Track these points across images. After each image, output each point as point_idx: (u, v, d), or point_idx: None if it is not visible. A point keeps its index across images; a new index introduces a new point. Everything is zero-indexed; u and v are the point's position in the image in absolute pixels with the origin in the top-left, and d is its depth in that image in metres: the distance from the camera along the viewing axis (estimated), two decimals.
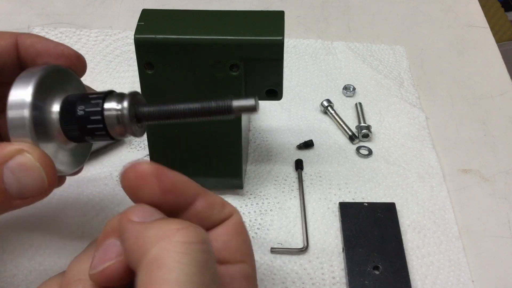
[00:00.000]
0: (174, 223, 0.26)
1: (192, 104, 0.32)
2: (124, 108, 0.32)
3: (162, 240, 0.25)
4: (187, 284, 0.24)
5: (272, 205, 0.51)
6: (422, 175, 0.54)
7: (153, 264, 0.25)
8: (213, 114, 0.32)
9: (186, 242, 0.25)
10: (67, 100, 0.33)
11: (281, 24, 0.43)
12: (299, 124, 0.58)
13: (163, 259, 0.25)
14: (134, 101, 0.33)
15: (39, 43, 0.35)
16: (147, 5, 0.53)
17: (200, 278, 0.25)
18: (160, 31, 0.42)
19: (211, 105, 0.32)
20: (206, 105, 0.32)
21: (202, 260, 0.25)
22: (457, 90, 0.64)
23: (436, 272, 0.47)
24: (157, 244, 0.25)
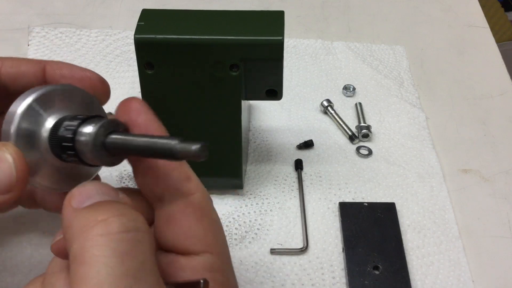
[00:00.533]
0: (100, 213, 0.26)
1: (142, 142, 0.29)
2: (91, 135, 0.29)
3: (83, 233, 0.25)
4: (108, 277, 0.24)
5: (272, 205, 0.51)
6: (422, 175, 0.54)
7: (76, 260, 0.24)
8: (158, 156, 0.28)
9: (104, 234, 0.25)
10: (61, 119, 0.32)
11: (281, 24, 0.43)
12: (299, 124, 0.58)
13: (83, 255, 0.24)
14: (109, 127, 0.30)
15: (65, 67, 0.36)
16: (147, 5, 0.53)
17: (122, 269, 0.24)
18: (160, 31, 0.42)
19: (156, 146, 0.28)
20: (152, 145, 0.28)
21: (124, 250, 0.24)
22: (457, 90, 0.64)
23: (436, 272, 0.47)
24: (77, 238, 0.25)
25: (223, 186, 0.51)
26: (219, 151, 0.48)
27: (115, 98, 0.60)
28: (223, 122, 0.46)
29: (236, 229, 0.49)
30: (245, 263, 0.46)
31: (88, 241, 0.25)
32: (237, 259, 0.47)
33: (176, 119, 0.46)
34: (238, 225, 0.49)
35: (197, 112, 0.46)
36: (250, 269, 0.46)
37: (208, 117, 0.46)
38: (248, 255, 0.47)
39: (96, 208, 0.26)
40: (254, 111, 0.59)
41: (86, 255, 0.24)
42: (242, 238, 0.48)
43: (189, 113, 0.46)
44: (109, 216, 0.25)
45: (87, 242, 0.24)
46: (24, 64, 0.36)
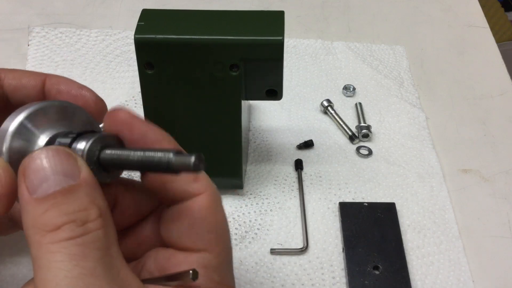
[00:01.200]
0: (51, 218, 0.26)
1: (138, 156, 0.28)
2: (83, 151, 0.29)
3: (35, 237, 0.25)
4: (65, 279, 0.24)
5: (272, 205, 0.51)
6: (422, 175, 0.54)
7: (34, 264, 0.25)
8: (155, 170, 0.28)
9: (55, 242, 0.25)
10: (53, 136, 0.31)
11: (281, 24, 0.43)
12: (299, 124, 0.58)
13: (39, 260, 0.25)
14: (103, 142, 0.29)
15: (63, 83, 0.36)
16: (147, 5, 0.53)
17: (77, 270, 0.25)
18: (160, 31, 0.42)
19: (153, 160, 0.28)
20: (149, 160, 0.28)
21: (77, 253, 0.25)
22: (457, 90, 0.64)
23: (436, 272, 0.47)
24: (32, 243, 0.26)
25: (223, 186, 0.51)
26: (219, 151, 0.48)
27: (115, 98, 0.60)
28: (223, 122, 0.46)
29: (236, 229, 0.49)
30: (245, 263, 0.46)
31: (41, 248, 0.25)
32: (237, 259, 0.47)
33: (176, 119, 0.46)
34: (238, 225, 0.49)
35: (197, 112, 0.46)
36: (250, 269, 0.46)
37: (208, 117, 0.46)
38: (248, 255, 0.47)
39: (48, 208, 0.26)
40: (254, 111, 0.59)
41: (42, 261, 0.25)
42: (242, 238, 0.48)
43: (189, 113, 0.46)
44: (59, 224, 0.25)
45: (41, 249, 0.25)
46: (26, 77, 0.36)
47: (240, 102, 0.45)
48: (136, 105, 0.59)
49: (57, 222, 0.25)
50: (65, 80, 0.37)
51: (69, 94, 0.36)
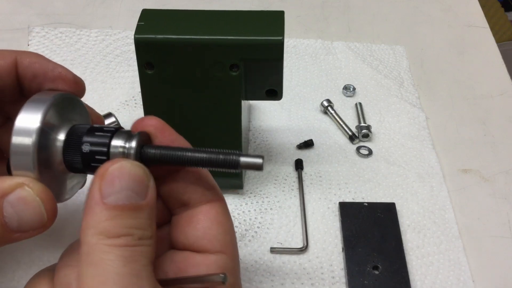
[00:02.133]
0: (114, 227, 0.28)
1: (200, 154, 0.31)
2: (131, 148, 0.31)
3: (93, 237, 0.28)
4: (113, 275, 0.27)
5: (272, 204, 0.51)
6: (422, 175, 0.54)
7: (85, 260, 0.27)
8: (219, 166, 0.31)
9: (111, 245, 0.27)
10: (74, 131, 0.32)
11: (281, 24, 0.43)
12: (299, 124, 0.58)
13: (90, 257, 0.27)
14: (142, 141, 0.32)
15: (37, 63, 0.35)
16: (147, 5, 0.53)
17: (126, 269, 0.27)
18: (160, 31, 0.42)
19: (219, 157, 0.31)
20: (214, 156, 0.31)
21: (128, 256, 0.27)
22: (457, 90, 0.64)
23: (436, 272, 0.47)
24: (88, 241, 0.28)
25: (223, 186, 0.51)
26: None
27: (115, 98, 0.60)
28: (223, 122, 0.46)
29: (236, 227, 0.49)
30: (244, 261, 0.47)
31: (96, 247, 0.27)
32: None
33: (176, 119, 0.46)
34: (238, 223, 0.49)
35: (197, 112, 0.46)
36: (250, 267, 0.46)
37: (208, 117, 0.46)
38: (248, 253, 0.47)
39: (115, 217, 0.28)
40: (254, 111, 0.59)
41: (94, 258, 0.27)
42: (242, 236, 0.48)
43: (189, 113, 0.46)
44: (119, 234, 0.28)
45: (96, 248, 0.27)
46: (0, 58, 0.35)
47: (240, 102, 0.45)
48: (136, 105, 0.59)
49: (118, 232, 0.28)
50: (37, 59, 0.35)
51: (46, 76, 0.35)
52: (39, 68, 0.35)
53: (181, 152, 0.31)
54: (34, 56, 0.36)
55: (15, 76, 0.35)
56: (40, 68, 0.35)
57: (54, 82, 0.35)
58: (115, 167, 0.29)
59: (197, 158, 0.31)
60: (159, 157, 0.31)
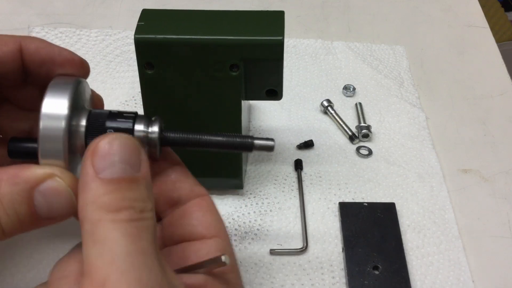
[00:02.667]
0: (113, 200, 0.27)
1: (217, 138, 0.35)
2: (154, 132, 0.33)
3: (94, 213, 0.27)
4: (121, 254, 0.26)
5: (272, 205, 0.51)
6: (422, 175, 0.54)
7: (89, 239, 0.27)
8: (235, 148, 0.35)
9: (115, 221, 0.27)
10: (95, 117, 0.33)
11: (281, 24, 0.43)
12: (299, 124, 0.58)
13: (95, 235, 0.27)
14: (162, 125, 0.34)
15: (44, 48, 0.35)
16: (147, 5, 0.53)
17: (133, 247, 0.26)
18: (160, 31, 0.42)
19: (235, 140, 0.35)
20: (230, 139, 0.35)
21: (133, 232, 0.27)
22: (457, 90, 0.64)
23: (436, 272, 0.47)
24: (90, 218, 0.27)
25: (223, 186, 0.51)
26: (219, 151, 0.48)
27: (115, 98, 0.60)
28: (223, 122, 0.46)
29: (236, 230, 0.49)
30: (244, 264, 0.46)
31: (99, 225, 0.27)
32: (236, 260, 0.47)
33: (176, 119, 0.46)
34: (238, 225, 0.49)
35: (197, 112, 0.46)
36: (250, 270, 0.46)
37: (208, 117, 0.46)
38: (248, 256, 0.47)
39: (114, 190, 0.28)
40: (254, 111, 0.59)
41: (98, 237, 0.27)
42: (242, 239, 0.48)
43: (189, 113, 0.46)
44: (120, 207, 0.27)
45: (99, 225, 0.27)
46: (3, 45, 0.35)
47: (240, 102, 0.45)
48: (136, 105, 0.59)
49: (119, 205, 0.27)
50: (43, 44, 0.35)
51: (53, 61, 0.35)
52: (46, 53, 0.35)
53: (199, 135, 0.35)
54: (39, 41, 0.35)
55: (19, 62, 0.35)
56: (47, 53, 0.35)
57: (63, 66, 0.35)
58: (105, 141, 0.28)
59: (214, 141, 0.35)
60: (179, 141, 0.34)
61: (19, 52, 0.35)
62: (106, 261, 0.26)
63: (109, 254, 0.26)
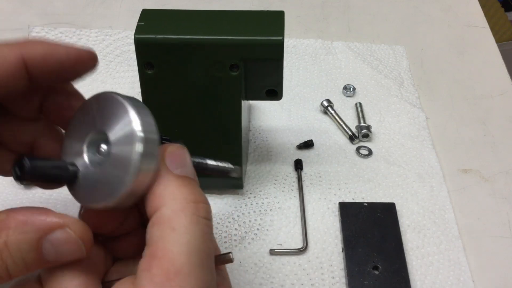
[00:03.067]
0: (192, 193, 0.29)
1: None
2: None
3: (175, 203, 0.29)
4: (195, 249, 0.27)
5: (271, 205, 0.51)
6: (422, 175, 0.54)
7: (165, 223, 0.28)
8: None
9: (195, 215, 0.28)
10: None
11: (281, 24, 0.43)
12: (299, 124, 0.58)
13: (174, 222, 0.28)
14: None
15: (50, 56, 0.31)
16: (147, 5, 0.53)
17: (204, 246, 0.28)
18: (160, 31, 0.42)
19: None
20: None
21: (206, 232, 0.29)
22: (457, 90, 0.64)
23: (436, 272, 0.47)
24: (169, 204, 0.28)
25: (223, 186, 0.51)
26: (219, 151, 0.48)
27: None
28: (223, 122, 0.46)
29: (236, 230, 0.49)
30: (244, 264, 0.46)
31: (181, 213, 0.28)
32: (236, 260, 0.47)
33: (176, 119, 0.46)
34: (238, 225, 0.49)
35: (197, 112, 0.46)
36: (250, 270, 0.46)
37: (208, 117, 0.46)
38: (248, 256, 0.47)
39: (188, 185, 0.30)
40: (254, 111, 0.59)
41: (179, 224, 0.28)
42: (241, 239, 0.48)
43: (189, 113, 0.46)
44: (199, 201, 0.29)
45: (181, 213, 0.28)
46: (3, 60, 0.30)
47: (240, 102, 0.45)
48: None
49: (196, 197, 0.29)
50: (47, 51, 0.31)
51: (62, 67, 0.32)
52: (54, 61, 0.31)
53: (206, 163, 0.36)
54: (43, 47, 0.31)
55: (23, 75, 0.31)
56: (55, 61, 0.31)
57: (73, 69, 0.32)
58: (174, 147, 0.31)
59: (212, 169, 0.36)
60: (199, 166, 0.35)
61: (22, 66, 0.31)
62: (182, 251, 0.27)
63: (187, 246, 0.27)
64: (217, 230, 0.49)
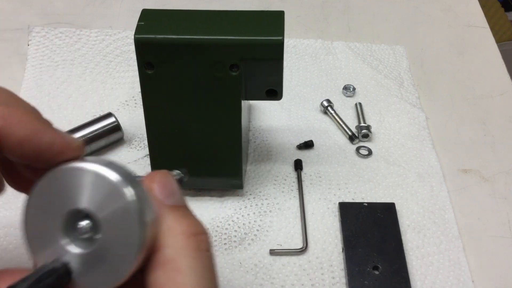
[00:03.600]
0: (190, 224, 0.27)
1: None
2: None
3: (176, 239, 0.26)
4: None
5: (271, 205, 0.51)
6: (422, 175, 0.54)
7: (169, 266, 0.26)
8: None
9: (198, 250, 0.26)
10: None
11: (281, 24, 0.43)
12: (299, 124, 0.58)
13: (179, 263, 0.26)
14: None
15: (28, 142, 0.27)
16: (147, 5, 0.53)
17: (212, 284, 0.26)
18: (160, 31, 0.42)
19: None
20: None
21: (210, 266, 0.27)
22: (457, 90, 0.64)
23: (436, 272, 0.47)
24: (171, 243, 0.26)
25: (222, 186, 0.51)
26: (219, 151, 0.48)
27: (115, 98, 0.60)
28: (223, 122, 0.46)
29: (235, 231, 0.49)
30: (244, 265, 0.46)
31: (184, 251, 0.26)
32: (236, 261, 0.47)
33: (176, 119, 0.46)
34: (237, 227, 0.49)
35: (197, 112, 0.46)
36: (250, 271, 0.46)
37: (208, 117, 0.46)
38: (248, 257, 0.47)
39: (184, 215, 0.28)
40: (254, 111, 0.59)
41: (184, 265, 0.26)
42: (241, 240, 0.48)
43: (189, 113, 0.46)
44: (199, 233, 0.27)
45: (183, 252, 0.26)
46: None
47: (240, 102, 0.45)
48: (136, 105, 0.59)
49: (196, 229, 0.27)
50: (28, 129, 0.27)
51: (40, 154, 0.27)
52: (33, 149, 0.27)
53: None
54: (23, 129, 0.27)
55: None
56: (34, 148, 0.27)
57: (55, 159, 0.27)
58: (160, 174, 0.29)
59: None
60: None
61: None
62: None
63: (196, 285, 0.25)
64: (217, 233, 0.49)
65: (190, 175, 0.41)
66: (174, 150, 0.48)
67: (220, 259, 0.47)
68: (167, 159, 0.49)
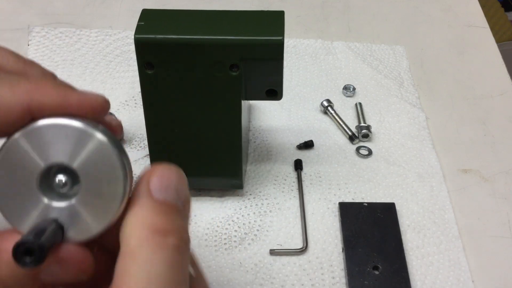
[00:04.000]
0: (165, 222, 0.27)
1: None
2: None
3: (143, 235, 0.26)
4: (156, 280, 0.25)
5: (271, 205, 0.51)
6: (422, 175, 0.54)
7: (129, 255, 0.26)
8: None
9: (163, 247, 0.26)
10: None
11: (281, 24, 0.43)
12: (299, 124, 0.58)
13: (137, 255, 0.25)
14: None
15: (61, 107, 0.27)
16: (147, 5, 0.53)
17: (170, 275, 0.25)
18: (160, 31, 0.42)
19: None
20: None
21: (175, 261, 0.26)
22: (457, 90, 0.64)
23: (436, 272, 0.47)
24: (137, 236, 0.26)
25: (222, 186, 0.51)
26: (219, 151, 0.48)
27: (115, 98, 0.60)
28: (223, 122, 0.46)
29: (235, 231, 0.49)
30: (244, 265, 0.46)
31: (146, 243, 0.26)
32: (236, 261, 0.47)
33: (176, 119, 0.46)
34: (237, 227, 0.49)
35: (197, 112, 0.46)
36: (250, 270, 0.46)
37: (208, 117, 0.46)
38: (248, 256, 0.47)
39: (163, 212, 0.27)
40: (254, 111, 0.59)
41: (141, 255, 0.25)
42: (241, 240, 0.48)
43: (189, 113, 0.46)
44: (169, 230, 0.26)
45: (144, 243, 0.26)
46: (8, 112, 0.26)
47: (240, 102, 0.45)
48: (136, 105, 0.59)
49: (167, 228, 0.26)
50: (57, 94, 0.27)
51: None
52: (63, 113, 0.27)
53: None
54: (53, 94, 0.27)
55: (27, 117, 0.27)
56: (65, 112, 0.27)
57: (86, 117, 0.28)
58: (166, 166, 0.28)
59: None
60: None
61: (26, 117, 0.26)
62: (142, 283, 0.25)
63: (147, 277, 0.25)
64: (217, 233, 0.49)
65: (190, 175, 0.41)
66: (174, 150, 0.48)
67: (220, 259, 0.47)
68: (167, 159, 0.48)
